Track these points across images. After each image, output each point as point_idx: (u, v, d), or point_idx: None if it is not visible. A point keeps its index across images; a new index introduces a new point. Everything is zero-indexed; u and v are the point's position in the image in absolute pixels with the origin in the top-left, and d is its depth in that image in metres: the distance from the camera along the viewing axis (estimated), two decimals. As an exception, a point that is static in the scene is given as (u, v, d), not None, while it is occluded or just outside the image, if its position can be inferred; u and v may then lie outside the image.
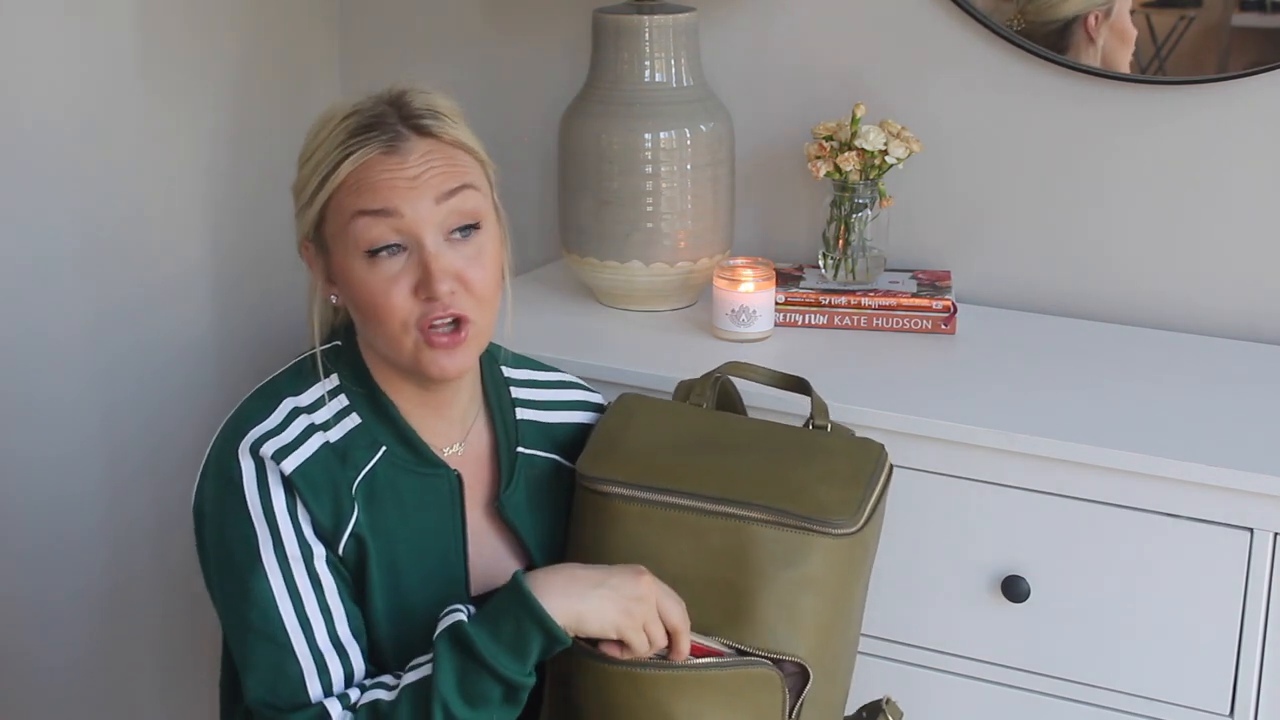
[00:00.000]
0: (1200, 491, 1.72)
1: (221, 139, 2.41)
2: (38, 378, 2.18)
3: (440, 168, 1.54)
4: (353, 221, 1.53)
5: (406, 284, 1.53)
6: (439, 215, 1.53)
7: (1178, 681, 1.77)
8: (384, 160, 1.53)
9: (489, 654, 1.45)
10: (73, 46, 2.16)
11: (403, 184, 1.52)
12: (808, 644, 1.53)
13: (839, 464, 1.61)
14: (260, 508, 1.52)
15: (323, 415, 1.58)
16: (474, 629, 1.46)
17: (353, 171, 1.53)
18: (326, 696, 1.50)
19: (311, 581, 1.52)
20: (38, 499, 2.21)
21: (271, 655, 1.51)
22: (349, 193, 1.53)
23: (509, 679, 1.46)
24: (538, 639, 1.46)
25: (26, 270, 2.14)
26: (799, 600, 1.52)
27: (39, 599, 2.24)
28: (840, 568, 1.55)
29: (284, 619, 1.51)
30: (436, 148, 1.55)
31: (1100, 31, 2.16)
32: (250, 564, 1.52)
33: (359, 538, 1.55)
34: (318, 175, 1.55)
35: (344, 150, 1.54)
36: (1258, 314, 2.14)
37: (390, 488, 1.58)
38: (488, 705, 1.47)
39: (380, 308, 1.53)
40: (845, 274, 2.20)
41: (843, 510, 1.55)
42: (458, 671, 1.46)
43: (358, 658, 1.53)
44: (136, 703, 2.42)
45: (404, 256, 1.53)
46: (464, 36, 2.57)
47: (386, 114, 1.56)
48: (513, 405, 1.70)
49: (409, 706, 1.46)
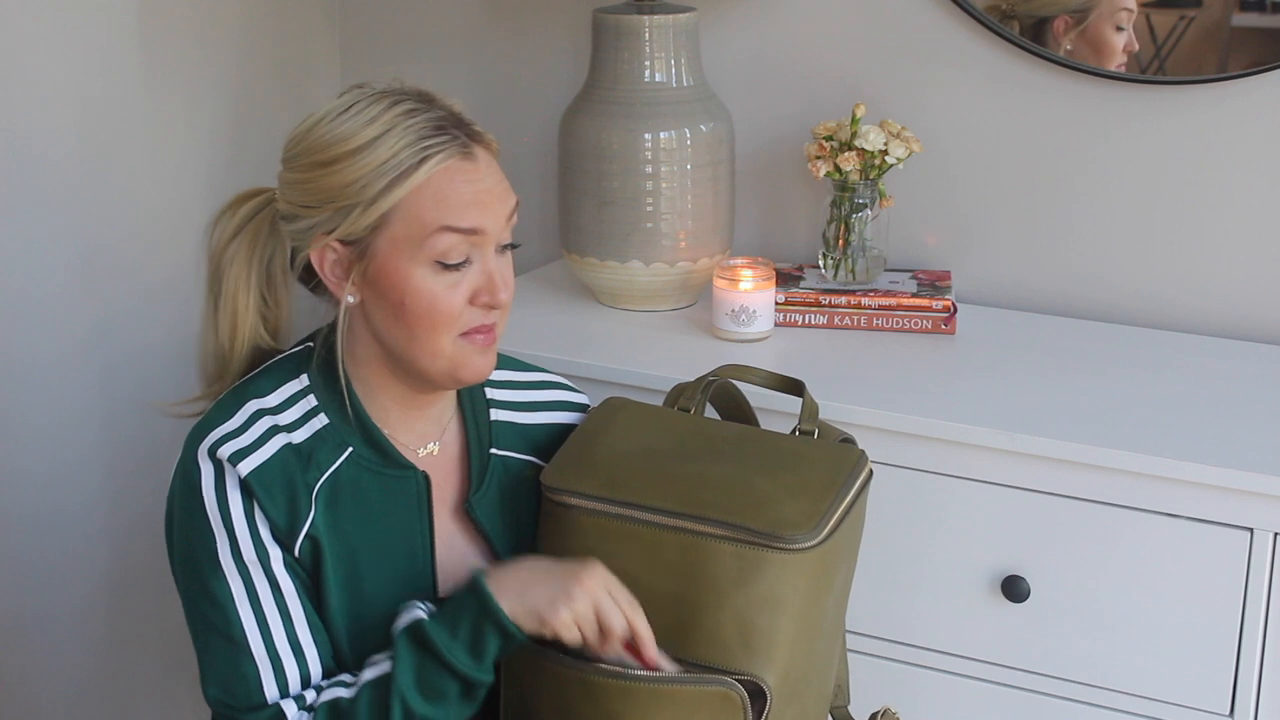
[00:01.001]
0: (1200, 491, 1.72)
1: (221, 142, 2.41)
2: (37, 382, 2.18)
3: (504, 180, 1.55)
4: (436, 234, 1.50)
5: (465, 291, 1.53)
6: (504, 230, 1.55)
7: (1178, 681, 1.77)
8: (462, 168, 1.51)
9: (447, 651, 1.47)
10: (72, 49, 2.16)
11: (486, 200, 1.52)
12: (769, 662, 1.50)
13: (812, 474, 1.57)
14: (218, 512, 1.53)
15: (288, 416, 1.57)
16: (433, 626, 1.48)
17: (431, 176, 1.49)
18: (283, 698, 1.51)
19: (270, 584, 1.53)
20: (36, 504, 2.20)
21: (229, 656, 1.52)
22: (429, 200, 1.49)
23: (466, 675, 1.47)
24: (494, 637, 1.47)
25: (24, 277, 2.14)
26: (757, 618, 1.49)
27: (39, 606, 2.24)
28: (804, 584, 1.52)
29: (242, 621, 1.51)
30: (492, 158, 1.56)
31: (1067, 37, 2.15)
32: (210, 567, 1.53)
33: (314, 539, 1.55)
34: (384, 176, 1.48)
35: (420, 152, 1.49)
36: (1258, 314, 2.14)
37: (354, 489, 1.58)
38: (445, 701, 1.48)
39: (439, 314, 1.52)
40: (845, 274, 2.20)
41: (803, 525, 1.51)
42: (416, 668, 1.47)
43: (314, 661, 1.54)
44: (137, 708, 2.42)
45: (468, 267, 1.53)
46: (464, 36, 2.57)
47: (445, 119, 1.53)
48: (487, 406, 1.69)
49: (368, 703, 1.48)
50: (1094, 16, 2.14)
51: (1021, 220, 2.26)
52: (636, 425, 1.66)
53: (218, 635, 1.52)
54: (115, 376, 2.28)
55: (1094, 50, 2.14)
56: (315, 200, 1.52)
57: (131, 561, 2.35)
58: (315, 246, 1.53)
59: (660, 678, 1.48)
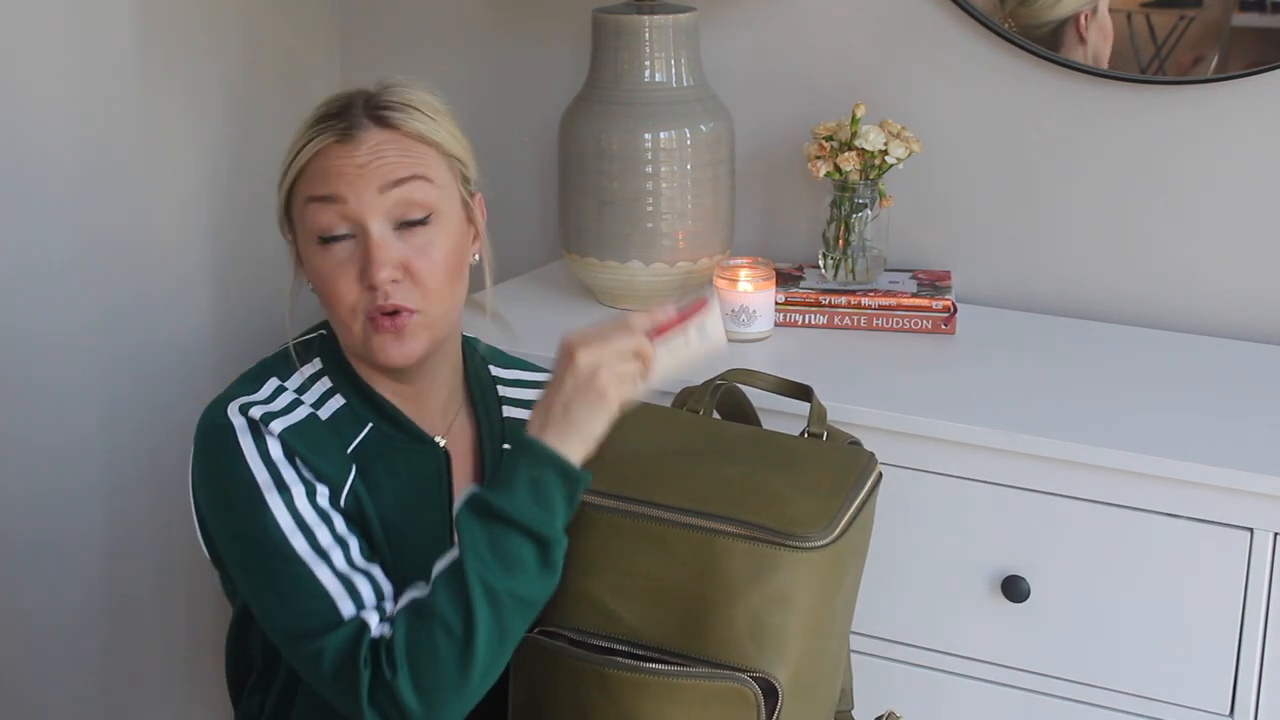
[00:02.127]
0: (1200, 491, 1.72)
1: (222, 140, 2.41)
2: (37, 379, 2.18)
3: (391, 158, 1.56)
4: (306, 207, 1.56)
5: (353, 271, 1.55)
6: (384, 204, 1.54)
7: (1178, 681, 1.77)
8: (337, 148, 1.55)
9: (510, 508, 1.43)
10: (73, 47, 2.16)
11: (350, 171, 1.54)
12: (780, 660, 1.50)
13: (823, 475, 1.58)
14: (257, 453, 1.52)
15: (309, 396, 1.60)
16: (490, 491, 1.45)
17: (310, 159, 1.56)
18: (361, 610, 1.48)
19: (319, 515, 1.52)
20: (37, 498, 2.21)
21: (296, 587, 1.48)
22: (305, 179, 1.57)
23: (537, 531, 1.44)
24: (555, 480, 1.45)
25: (26, 272, 2.14)
26: (770, 616, 1.49)
27: (39, 598, 2.24)
28: (815, 582, 1.52)
29: (299, 553, 1.49)
30: (392, 139, 1.57)
31: (1090, 30, 2.16)
32: (257, 509, 1.50)
33: (357, 495, 1.55)
34: (284, 162, 1.59)
35: (305, 138, 1.58)
36: (1258, 313, 2.14)
37: (382, 458, 1.59)
38: (524, 568, 1.44)
39: (330, 293, 1.56)
40: (845, 274, 2.20)
41: (815, 523, 1.51)
42: (486, 536, 1.44)
43: (382, 577, 1.52)
44: (138, 698, 2.42)
45: (352, 244, 1.55)
46: (464, 37, 2.57)
47: (353, 104, 1.58)
48: (499, 403, 1.71)
49: (446, 591, 1.43)
50: (1101, 3, 2.15)
51: (1021, 220, 2.26)
52: (647, 424, 1.66)
53: (278, 572, 1.49)
54: (116, 372, 2.28)
55: (1104, 37, 2.16)
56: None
57: (131, 551, 2.35)
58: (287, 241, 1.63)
59: (676, 672, 1.49)
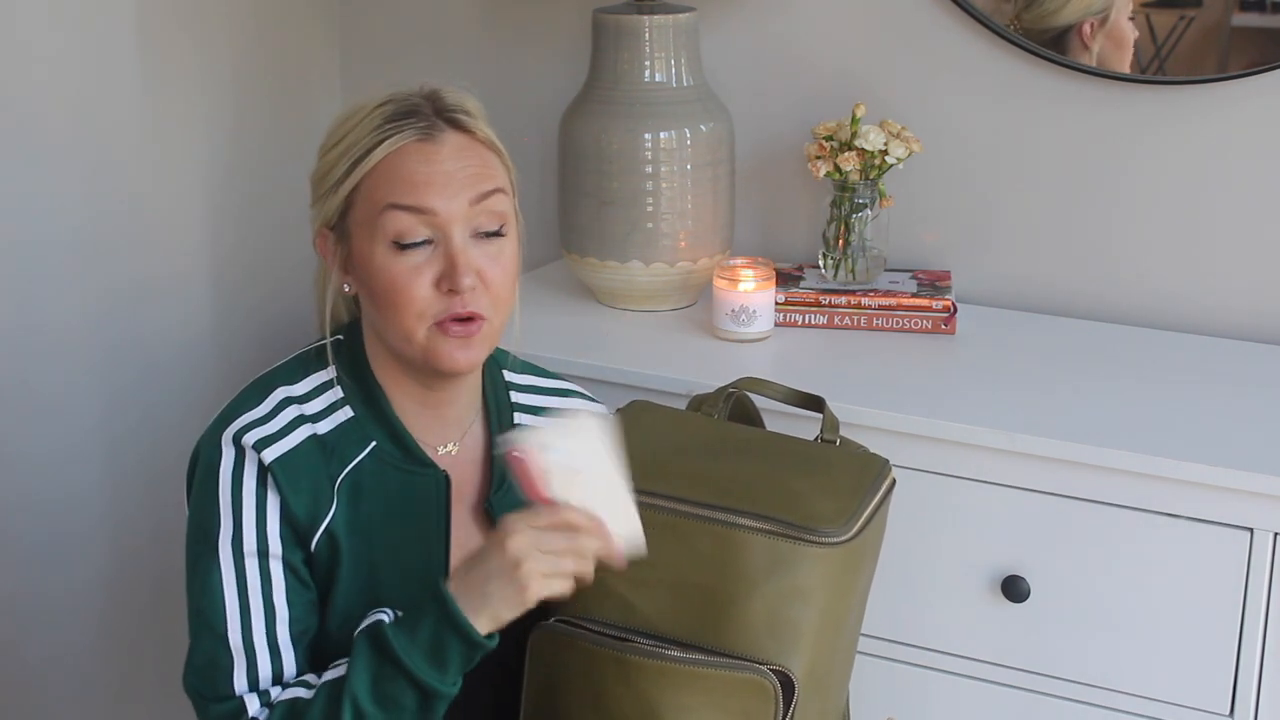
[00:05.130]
0: (1200, 491, 1.72)
1: (221, 133, 2.41)
2: (36, 373, 2.18)
3: (474, 168, 1.56)
4: (385, 213, 1.53)
5: (429, 276, 1.54)
6: (470, 214, 1.55)
7: (1178, 681, 1.77)
8: (418, 149, 1.54)
9: (405, 658, 1.44)
10: (72, 37, 2.16)
11: (438, 180, 1.53)
12: (796, 654, 1.51)
13: (839, 477, 1.59)
14: (230, 496, 1.53)
15: (315, 406, 1.59)
16: (393, 629, 1.45)
17: (385, 158, 1.53)
18: (250, 692, 1.51)
19: (261, 578, 1.53)
20: (37, 491, 2.20)
21: (209, 644, 1.52)
22: (381, 181, 1.54)
23: (423, 682, 1.44)
24: (455, 644, 1.44)
25: (25, 264, 2.14)
26: (788, 610, 1.51)
27: (38, 592, 2.24)
28: (832, 578, 1.53)
29: (226, 609, 1.52)
30: (469, 144, 1.57)
31: (1096, 39, 2.16)
32: (209, 551, 1.53)
33: (333, 535, 1.55)
34: (347, 160, 1.55)
35: (378, 135, 1.54)
36: (1258, 313, 2.14)
37: (376, 483, 1.59)
38: (401, 711, 1.45)
39: (401, 296, 1.54)
40: (845, 274, 2.20)
41: (835, 520, 1.53)
42: (372, 670, 1.45)
43: (290, 663, 1.53)
44: (137, 696, 2.42)
45: (429, 249, 1.54)
46: (464, 37, 2.57)
47: (421, 105, 1.57)
48: (511, 409, 1.70)
49: (322, 703, 1.47)
50: (1114, 13, 2.15)
51: (1021, 220, 2.26)
52: (664, 425, 1.68)
53: (202, 623, 1.53)
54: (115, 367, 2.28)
55: (1116, 45, 2.15)
56: (313, 191, 1.60)
57: (131, 545, 2.35)
58: (316, 235, 1.60)
59: (697, 660, 1.49)
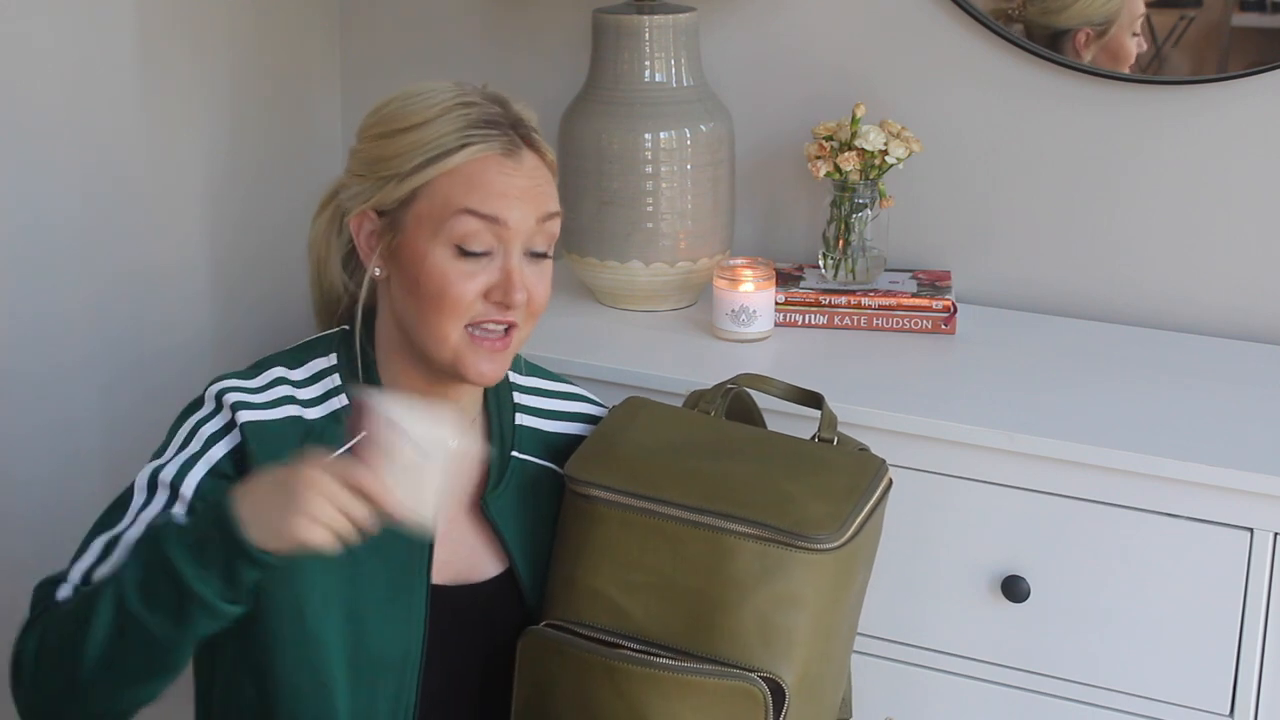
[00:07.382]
0: (1200, 491, 1.72)
1: (221, 128, 2.40)
2: (35, 368, 2.18)
3: (543, 188, 1.58)
4: (457, 216, 1.54)
5: (481, 284, 1.55)
6: (532, 232, 1.57)
7: (1178, 681, 1.77)
8: (499, 161, 1.55)
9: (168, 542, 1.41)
10: (75, 45, 2.16)
11: (514, 194, 1.55)
12: (788, 661, 1.51)
13: (835, 478, 1.58)
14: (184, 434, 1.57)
15: (309, 392, 1.60)
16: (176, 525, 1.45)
17: (465, 164, 1.54)
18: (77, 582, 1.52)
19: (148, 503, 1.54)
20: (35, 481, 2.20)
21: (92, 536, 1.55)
22: (460, 184, 1.54)
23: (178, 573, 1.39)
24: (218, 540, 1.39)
25: (26, 265, 2.14)
26: (779, 617, 1.50)
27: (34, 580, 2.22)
28: (824, 585, 1.53)
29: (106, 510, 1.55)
30: (539, 165, 1.59)
31: (1089, 49, 2.16)
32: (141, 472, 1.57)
33: None
34: (421, 154, 1.55)
35: (462, 138, 1.55)
36: (1258, 314, 2.14)
37: None
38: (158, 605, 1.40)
39: (447, 300, 1.54)
40: (845, 274, 2.20)
41: (828, 525, 1.52)
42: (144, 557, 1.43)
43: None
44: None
45: (487, 258, 1.55)
46: (464, 36, 2.57)
47: (499, 117, 1.58)
48: (513, 410, 1.70)
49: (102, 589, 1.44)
50: (1115, 29, 2.15)
51: (1022, 220, 2.26)
52: (659, 423, 1.67)
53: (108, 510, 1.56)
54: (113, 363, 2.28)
55: (1112, 58, 2.16)
56: (364, 168, 1.60)
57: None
58: (355, 213, 1.60)
59: (686, 668, 1.49)
